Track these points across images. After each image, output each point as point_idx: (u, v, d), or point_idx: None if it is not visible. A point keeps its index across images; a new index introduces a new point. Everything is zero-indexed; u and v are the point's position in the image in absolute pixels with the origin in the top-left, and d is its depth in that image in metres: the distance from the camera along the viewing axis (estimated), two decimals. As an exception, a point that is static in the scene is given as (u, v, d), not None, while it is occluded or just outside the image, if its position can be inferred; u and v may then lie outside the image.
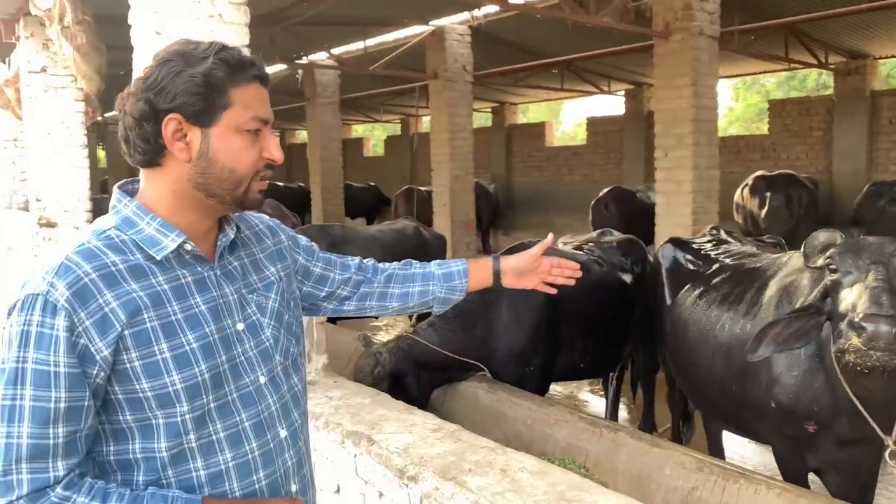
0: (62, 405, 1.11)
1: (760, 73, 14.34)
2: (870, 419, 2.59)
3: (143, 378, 1.18)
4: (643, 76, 14.46)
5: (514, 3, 8.29)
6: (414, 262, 1.74)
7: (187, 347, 1.21)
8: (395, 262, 1.72)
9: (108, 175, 23.46)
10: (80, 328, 1.13)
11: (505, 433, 3.67)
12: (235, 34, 3.83)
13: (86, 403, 1.15)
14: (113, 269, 1.18)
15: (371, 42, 11.96)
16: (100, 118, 11.20)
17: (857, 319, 2.25)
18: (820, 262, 2.62)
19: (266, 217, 1.52)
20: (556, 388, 6.03)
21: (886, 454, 2.56)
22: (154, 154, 1.23)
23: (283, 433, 1.34)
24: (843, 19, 9.75)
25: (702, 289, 3.64)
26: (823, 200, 11.15)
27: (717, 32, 7.68)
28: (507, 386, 4.01)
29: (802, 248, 2.76)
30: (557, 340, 4.27)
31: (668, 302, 3.95)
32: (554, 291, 1.74)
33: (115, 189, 1.29)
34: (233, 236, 1.34)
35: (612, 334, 4.63)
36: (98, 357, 1.14)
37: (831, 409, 2.75)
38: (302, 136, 26.81)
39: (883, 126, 11.70)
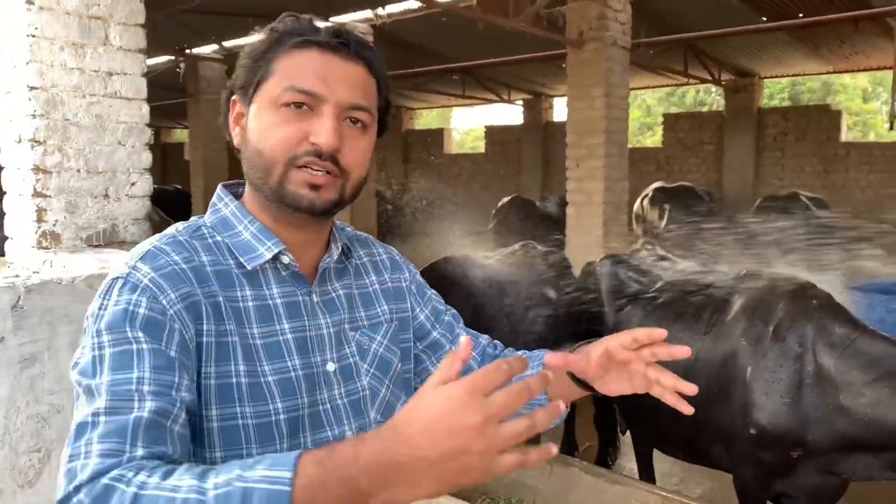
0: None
1: (660, 86, 14.78)
2: None
3: (214, 404, 0.94)
4: (543, 86, 14.55)
5: (435, 1, 7.94)
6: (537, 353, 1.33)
7: (262, 379, 0.97)
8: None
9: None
10: (171, 311, 0.92)
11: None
12: (129, 10, 3.27)
13: None
14: (200, 266, 0.99)
15: (266, 37, 11.26)
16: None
17: None
18: None
19: (395, 251, 1.28)
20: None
21: None
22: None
23: None
24: (735, 39, 10.15)
25: (649, 307, 3.41)
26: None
27: (629, 43, 7.67)
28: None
29: None
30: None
31: (612, 321, 3.69)
32: (688, 408, 1.07)
33: (219, 187, 1.10)
34: (336, 256, 1.11)
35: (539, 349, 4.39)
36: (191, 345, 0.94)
37: (831, 438, 2.55)
38: (179, 135, 25.31)
39: (768, 143, 12.29)
